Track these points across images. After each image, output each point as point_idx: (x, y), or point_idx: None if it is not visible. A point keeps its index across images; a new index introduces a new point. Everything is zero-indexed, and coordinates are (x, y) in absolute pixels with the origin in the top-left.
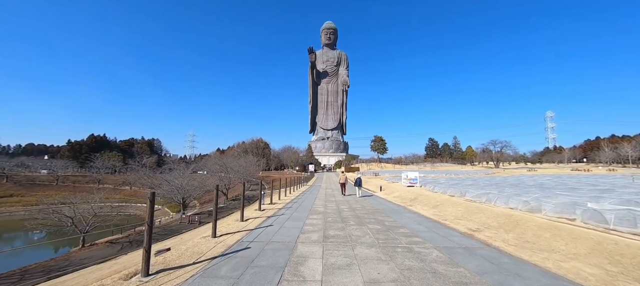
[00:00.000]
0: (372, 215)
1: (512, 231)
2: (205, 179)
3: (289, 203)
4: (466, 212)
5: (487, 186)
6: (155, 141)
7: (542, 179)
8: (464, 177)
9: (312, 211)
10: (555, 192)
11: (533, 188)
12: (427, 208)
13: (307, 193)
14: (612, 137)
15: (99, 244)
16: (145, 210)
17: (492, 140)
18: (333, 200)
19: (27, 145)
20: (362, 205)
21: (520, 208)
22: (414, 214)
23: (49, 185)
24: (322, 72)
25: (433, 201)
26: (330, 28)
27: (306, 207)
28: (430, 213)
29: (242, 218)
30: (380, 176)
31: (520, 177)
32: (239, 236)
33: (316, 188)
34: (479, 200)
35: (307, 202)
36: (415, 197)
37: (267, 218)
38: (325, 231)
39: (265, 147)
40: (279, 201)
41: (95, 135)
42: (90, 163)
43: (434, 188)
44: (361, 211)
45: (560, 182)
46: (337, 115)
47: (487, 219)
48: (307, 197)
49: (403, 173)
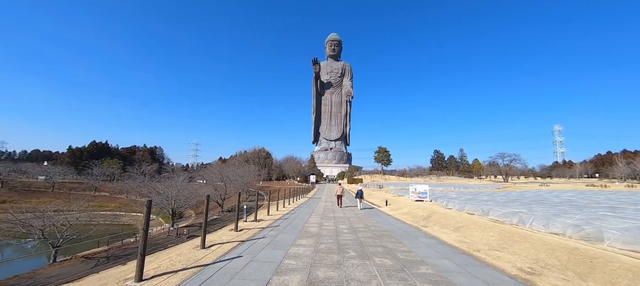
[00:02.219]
0: (379, 240)
1: (589, 277)
2: (198, 189)
3: (278, 220)
4: (501, 238)
5: (508, 203)
6: (157, 149)
7: (565, 195)
8: (475, 191)
9: (302, 232)
10: (599, 213)
11: (564, 206)
12: (447, 230)
13: (303, 206)
14: (624, 151)
15: (77, 258)
16: (139, 220)
17: (501, 153)
18: (331, 217)
19: (32, 151)
20: (365, 224)
21: (569, 234)
22: (432, 240)
23: (44, 191)
24: (326, 83)
25: (452, 221)
26: (334, 40)
27: (297, 225)
28: (453, 239)
29: (202, 245)
30: (384, 188)
31: (540, 192)
32: (174, 282)
33: (315, 201)
34: (508, 221)
35: (300, 219)
36: (428, 215)
37: (239, 243)
38: (312, 270)
39: (266, 157)
40: (268, 217)
41: (97, 142)
42: (88, 170)
43: (448, 204)
44: (364, 233)
45: (590, 198)
46: (341, 126)
47: (539, 252)
48: (303, 211)
49: (411, 186)
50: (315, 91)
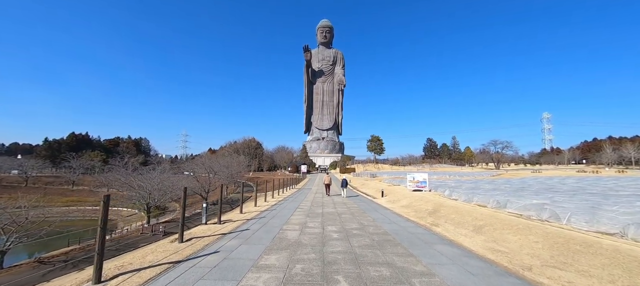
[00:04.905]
0: (381, 252)
1: None
2: (176, 182)
3: (251, 221)
4: (552, 246)
5: (518, 192)
6: (142, 140)
7: (570, 182)
8: (472, 179)
9: (276, 240)
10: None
11: (586, 195)
12: (466, 231)
13: (289, 199)
14: (610, 138)
15: (30, 264)
16: (121, 215)
17: (493, 140)
18: (319, 213)
19: (11, 145)
20: (360, 224)
21: (632, 236)
22: (453, 248)
23: (17, 186)
24: (317, 71)
25: (468, 217)
26: (326, 26)
27: (273, 228)
28: (481, 246)
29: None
30: (377, 177)
31: (539, 179)
32: None
33: (303, 193)
34: (535, 216)
35: (279, 217)
36: (434, 208)
37: (168, 267)
38: None
39: (257, 147)
40: (240, 215)
41: (76, 134)
42: (66, 163)
43: (451, 194)
44: (360, 239)
45: (604, 186)
46: (333, 115)
47: (631, 275)
48: (286, 206)
49: (408, 175)
50: (306, 80)
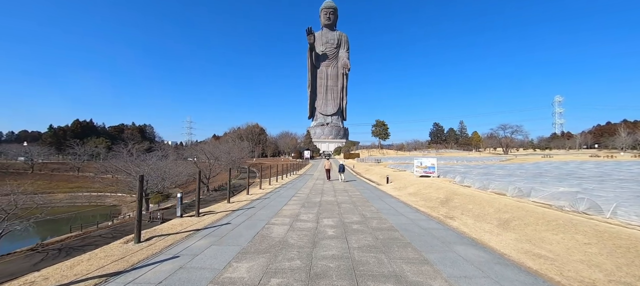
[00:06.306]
0: (386, 256)
1: None
2: (173, 168)
3: (237, 211)
4: (611, 251)
5: (536, 177)
6: (147, 127)
7: (588, 167)
8: (481, 164)
9: (257, 238)
10: None
11: (617, 181)
12: (489, 226)
13: (288, 186)
14: (624, 121)
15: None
16: (125, 201)
17: (502, 125)
18: (316, 202)
19: (20, 132)
20: (362, 216)
21: None
22: (479, 250)
23: (23, 173)
24: (321, 55)
25: (489, 208)
26: (330, 7)
27: (258, 221)
28: (516, 249)
29: None
30: (382, 163)
31: (554, 164)
32: None
33: (304, 179)
34: (568, 207)
35: (270, 207)
36: (447, 197)
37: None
38: None
39: (260, 133)
40: (227, 205)
41: (81, 121)
42: (70, 149)
43: (463, 180)
44: (360, 238)
45: (628, 171)
46: (337, 100)
47: None
48: (282, 194)
49: (415, 160)
50: (310, 64)
